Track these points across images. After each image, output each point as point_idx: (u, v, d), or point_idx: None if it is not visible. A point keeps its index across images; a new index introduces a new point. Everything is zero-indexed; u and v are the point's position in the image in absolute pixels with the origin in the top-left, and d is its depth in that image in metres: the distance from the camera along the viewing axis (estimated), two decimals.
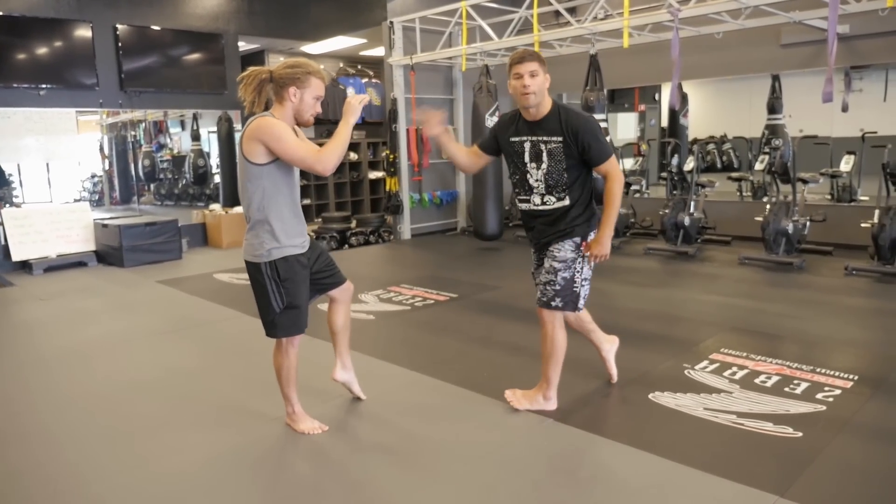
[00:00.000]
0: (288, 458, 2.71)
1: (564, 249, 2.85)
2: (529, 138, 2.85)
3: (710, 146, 8.81)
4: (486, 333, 4.32)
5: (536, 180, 2.87)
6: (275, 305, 2.70)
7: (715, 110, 9.28)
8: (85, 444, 2.86)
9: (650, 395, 3.13)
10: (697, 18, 5.96)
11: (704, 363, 3.54)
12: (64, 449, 2.81)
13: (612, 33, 6.60)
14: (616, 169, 2.84)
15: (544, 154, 2.82)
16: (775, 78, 7.68)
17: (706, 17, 5.90)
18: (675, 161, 7.79)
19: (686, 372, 3.42)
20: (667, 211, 6.80)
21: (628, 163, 9.00)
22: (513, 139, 2.90)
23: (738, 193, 7.98)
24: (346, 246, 8.54)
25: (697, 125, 8.58)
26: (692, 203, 6.74)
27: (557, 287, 2.86)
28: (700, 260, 6.45)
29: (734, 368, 3.45)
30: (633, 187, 8.01)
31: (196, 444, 2.80)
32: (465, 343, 4.14)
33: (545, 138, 2.81)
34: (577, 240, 2.86)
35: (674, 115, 8.38)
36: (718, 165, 8.85)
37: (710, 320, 4.47)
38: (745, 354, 3.65)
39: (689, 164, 6.99)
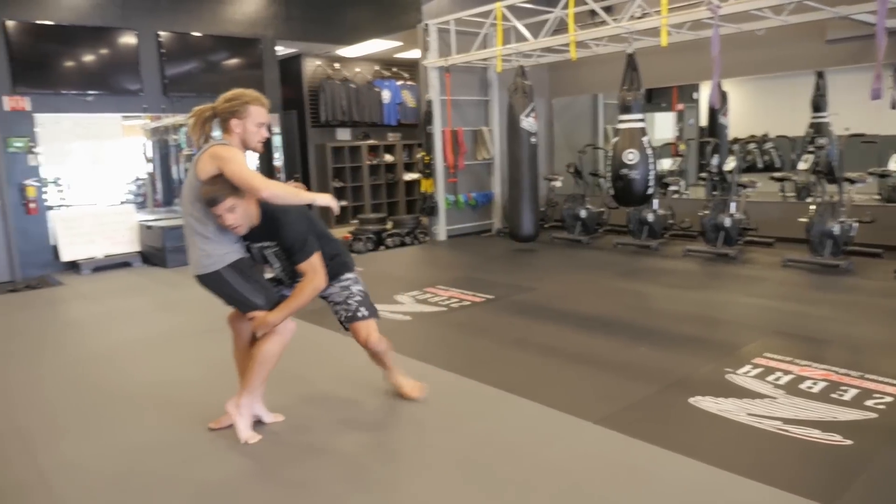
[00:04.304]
0: (326, 453, 2.74)
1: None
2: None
3: (751, 145, 8.62)
4: (523, 335, 4.30)
5: None
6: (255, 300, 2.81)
7: (756, 109, 9.08)
8: (133, 437, 2.94)
9: (690, 399, 3.07)
10: (738, 15, 5.85)
11: (747, 367, 3.47)
12: (113, 442, 2.90)
13: (649, 32, 6.51)
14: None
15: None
16: (820, 75, 7.48)
17: (747, 13, 5.78)
18: (714, 161, 7.64)
19: (728, 376, 3.36)
20: (706, 212, 6.68)
21: (666, 163, 8.87)
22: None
23: (781, 194, 7.79)
24: (382, 247, 8.59)
25: (737, 124, 8.41)
26: (733, 204, 6.61)
27: (359, 297, 3.04)
28: (741, 262, 6.32)
29: (778, 373, 3.37)
30: (672, 188, 7.90)
31: (235, 439, 2.86)
32: (501, 344, 4.13)
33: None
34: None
35: (713, 114, 8.23)
36: (759, 165, 8.65)
37: (752, 324, 4.37)
38: (789, 359, 3.56)
39: (730, 164, 6.85)
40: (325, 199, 2.74)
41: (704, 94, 8.74)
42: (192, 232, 2.76)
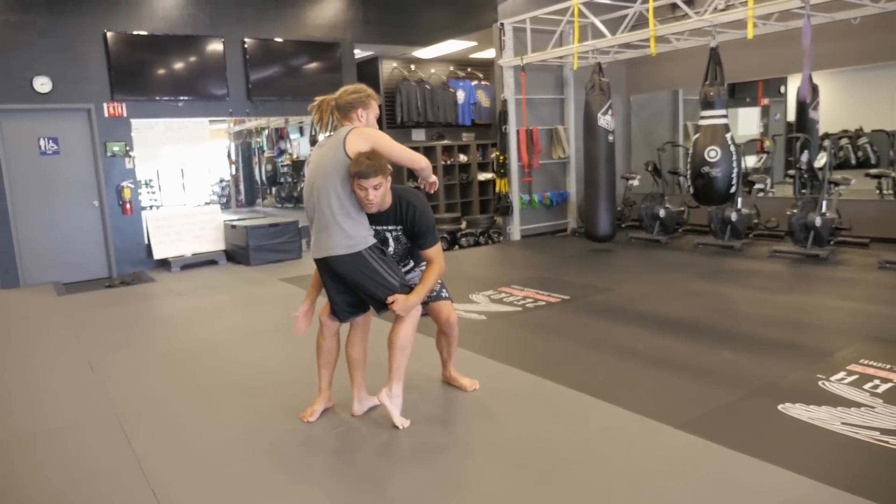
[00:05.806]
0: (400, 448, 2.79)
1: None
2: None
3: (843, 141, 8.16)
4: (599, 336, 4.23)
5: None
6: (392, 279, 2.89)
7: (848, 102, 8.58)
8: (221, 426, 3.08)
9: (780, 407, 2.94)
10: (831, 4, 5.55)
11: (841, 374, 3.29)
12: (204, 430, 3.05)
13: (733, 24, 6.26)
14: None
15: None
16: None
17: (841, 1, 5.48)
18: (804, 157, 7.28)
19: (820, 383, 3.19)
20: (795, 211, 6.37)
21: (751, 160, 8.53)
22: None
23: (878, 192, 7.33)
24: (457, 247, 8.65)
25: (828, 118, 7.97)
26: (824, 202, 6.28)
27: (440, 280, 3.14)
28: (833, 263, 6.00)
29: (876, 381, 3.18)
30: (757, 186, 7.58)
31: (317, 430, 2.95)
32: (577, 345, 4.08)
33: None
34: None
35: (802, 108, 7.82)
36: (852, 161, 8.18)
37: (846, 328, 4.15)
38: (888, 366, 3.36)
39: (821, 161, 6.51)
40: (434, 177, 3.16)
41: (792, 88, 8.34)
42: (334, 214, 2.82)
